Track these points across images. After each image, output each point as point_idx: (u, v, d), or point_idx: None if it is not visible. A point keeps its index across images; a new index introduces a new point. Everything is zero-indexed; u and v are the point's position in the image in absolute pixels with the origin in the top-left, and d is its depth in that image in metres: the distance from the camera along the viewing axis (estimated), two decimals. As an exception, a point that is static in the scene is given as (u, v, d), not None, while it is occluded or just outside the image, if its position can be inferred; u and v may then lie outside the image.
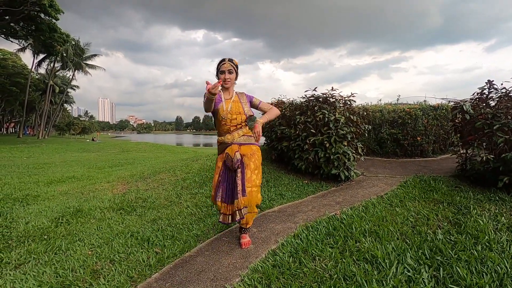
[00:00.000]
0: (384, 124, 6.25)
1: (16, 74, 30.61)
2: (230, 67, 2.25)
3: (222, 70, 2.25)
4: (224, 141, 2.34)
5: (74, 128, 45.06)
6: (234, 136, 2.31)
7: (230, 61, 2.25)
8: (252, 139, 2.35)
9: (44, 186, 4.96)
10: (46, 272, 2.10)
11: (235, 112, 2.29)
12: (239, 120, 2.31)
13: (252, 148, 2.34)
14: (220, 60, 2.28)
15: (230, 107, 2.28)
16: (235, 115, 2.29)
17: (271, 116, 2.43)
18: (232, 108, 2.28)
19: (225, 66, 2.24)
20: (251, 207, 2.25)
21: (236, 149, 2.28)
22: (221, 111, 2.28)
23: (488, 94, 3.73)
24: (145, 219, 3.17)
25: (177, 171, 5.19)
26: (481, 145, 3.46)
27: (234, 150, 2.28)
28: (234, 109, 2.29)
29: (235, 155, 2.25)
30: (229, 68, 2.25)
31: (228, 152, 2.30)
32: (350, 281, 1.73)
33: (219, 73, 2.28)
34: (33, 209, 3.54)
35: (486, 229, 2.26)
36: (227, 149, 2.31)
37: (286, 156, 4.83)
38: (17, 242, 2.65)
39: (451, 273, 1.73)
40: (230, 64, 2.25)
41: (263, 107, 2.43)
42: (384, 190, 3.59)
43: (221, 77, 2.25)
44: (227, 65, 2.24)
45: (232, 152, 2.28)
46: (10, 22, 18.89)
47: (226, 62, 2.24)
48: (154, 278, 1.97)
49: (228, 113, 2.27)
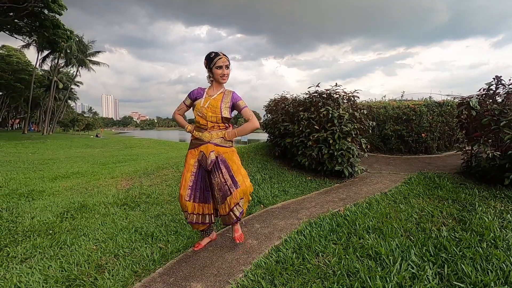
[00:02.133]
0: (388, 120, 6.20)
1: (21, 71, 30.81)
2: (227, 62, 2.12)
3: (220, 65, 2.09)
4: (201, 138, 2.17)
5: (78, 124, 45.40)
6: (212, 135, 2.16)
7: (226, 56, 2.12)
8: (229, 143, 2.22)
9: (49, 182, 5.00)
10: (51, 266, 2.13)
11: (210, 110, 2.12)
12: (215, 119, 2.14)
13: (227, 150, 2.21)
14: (214, 54, 2.11)
15: (208, 103, 2.13)
16: (210, 113, 2.12)
17: (244, 130, 2.19)
18: (209, 105, 2.13)
19: (222, 60, 2.09)
20: (246, 196, 2.17)
21: (211, 148, 2.15)
22: (197, 106, 2.15)
23: (495, 90, 3.68)
24: (148, 214, 3.18)
25: (180, 167, 5.20)
26: (487, 141, 3.43)
27: (209, 150, 2.14)
28: (211, 107, 2.12)
29: (209, 155, 2.13)
30: (227, 64, 2.12)
31: (203, 150, 2.16)
32: (353, 277, 1.73)
33: (214, 68, 2.10)
34: (38, 204, 3.58)
35: (491, 226, 2.24)
36: (201, 147, 2.17)
37: (290, 153, 4.82)
38: (23, 237, 2.68)
39: (456, 270, 1.72)
40: (227, 59, 2.12)
41: (244, 114, 2.19)
42: (388, 186, 3.58)
43: (217, 72, 2.10)
44: (224, 59, 2.10)
45: (207, 152, 2.14)
46: (14, 18, 18.95)
47: (223, 56, 2.10)
48: (158, 273, 1.98)
49: (203, 108, 2.12)
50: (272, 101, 5.94)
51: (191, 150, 2.24)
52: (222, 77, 2.12)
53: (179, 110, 2.30)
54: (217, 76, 2.12)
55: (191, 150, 2.24)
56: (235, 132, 2.20)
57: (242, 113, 2.20)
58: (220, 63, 2.09)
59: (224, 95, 2.18)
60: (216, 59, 2.09)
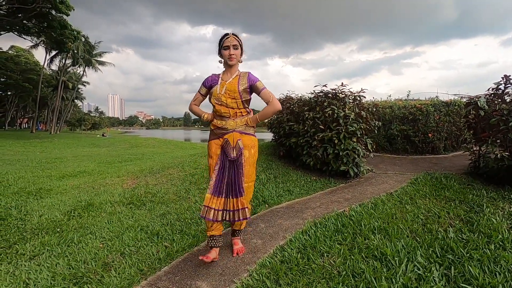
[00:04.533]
0: (394, 120, 6.15)
1: (29, 71, 31.27)
2: (235, 41, 1.99)
3: (226, 45, 1.98)
4: (225, 127, 2.05)
5: (84, 123, 45.95)
6: (237, 123, 2.05)
7: (234, 35, 1.99)
8: (252, 129, 2.14)
9: (56, 180, 5.07)
10: (59, 264, 2.16)
11: (229, 96, 2.01)
12: (235, 105, 2.03)
13: (252, 139, 2.12)
14: (223, 35, 2.01)
15: (225, 89, 2.01)
16: (230, 99, 2.01)
17: (266, 114, 2.09)
18: (226, 90, 2.00)
19: (229, 40, 1.98)
20: (248, 204, 2.08)
21: (238, 137, 2.04)
22: (214, 93, 2.04)
23: (504, 90, 3.62)
24: (154, 213, 3.21)
25: (186, 167, 5.23)
26: (496, 142, 3.37)
27: (236, 138, 2.03)
28: (228, 93, 2.01)
29: (237, 144, 2.02)
30: (234, 43, 1.98)
31: (229, 139, 2.03)
32: (359, 278, 1.72)
33: (222, 49, 2.02)
34: (46, 203, 3.63)
35: (499, 228, 2.20)
36: (227, 135, 2.05)
37: (294, 152, 4.81)
38: (31, 234, 2.73)
39: (463, 272, 1.70)
40: (234, 38, 1.99)
41: (264, 96, 2.06)
42: (394, 187, 3.55)
43: (225, 54, 2.00)
44: (231, 38, 1.98)
45: (234, 141, 2.03)
46: (22, 19, 19.24)
47: (230, 35, 1.98)
48: (164, 271, 1.99)
49: (221, 96, 2.01)
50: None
51: (215, 140, 2.10)
52: (229, 58, 2.00)
53: (194, 101, 2.19)
54: (225, 57, 2.02)
55: (215, 140, 2.10)
56: (256, 117, 2.09)
57: (261, 95, 2.07)
58: (226, 43, 1.99)
59: (240, 78, 2.05)
60: (223, 39, 2.01)
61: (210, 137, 2.15)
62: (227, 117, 2.06)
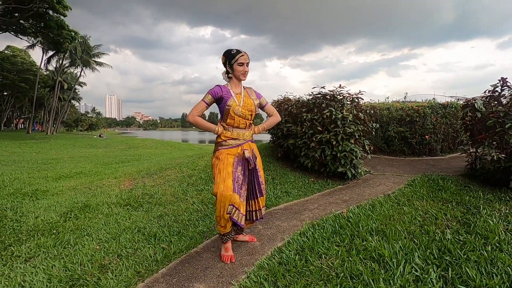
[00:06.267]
0: (391, 122, 6.17)
1: (25, 71, 31.11)
2: (248, 60, 2.14)
3: (241, 62, 2.10)
4: (242, 138, 2.17)
5: (81, 124, 45.70)
6: (250, 133, 2.23)
7: (246, 54, 2.14)
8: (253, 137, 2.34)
9: (52, 181, 5.04)
10: (55, 266, 2.14)
11: (247, 109, 2.15)
12: (250, 117, 2.20)
13: (255, 145, 2.32)
14: (236, 51, 2.11)
15: (242, 102, 2.14)
16: (247, 111, 2.15)
17: (271, 124, 2.40)
18: (244, 103, 2.15)
19: (244, 58, 2.11)
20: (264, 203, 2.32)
21: (252, 146, 2.24)
22: (234, 106, 2.10)
23: (500, 92, 3.65)
24: (151, 215, 3.19)
25: (183, 168, 5.22)
26: (492, 144, 3.39)
27: (251, 147, 2.22)
28: (246, 106, 2.15)
29: (253, 152, 2.20)
30: (248, 61, 2.14)
31: (248, 149, 2.18)
32: (356, 279, 1.72)
33: (236, 64, 2.10)
34: (42, 204, 3.60)
35: (496, 229, 2.22)
36: (245, 145, 2.18)
37: (292, 154, 4.81)
38: (27, 236, 2.70)
39: (460, 274, 1.71)
40: (248, 57, 2.14)
41: (269, 110, 2.34)
42: (392, 188, 3.56)
43: (239, 69, 2.11)
44: (246, 57, 2.12)
45: (251, 150, 2.19)
46: (19, 19, 19.13)
47: (245, 54, 2.12)
48: (161, 273, 1.98)
49: (241, 108, 2.12)
50: (275, 102, 5.94)
51: (230, 149, 2.13)
52: (243, 74, 2.14)
53: (198, 111, 2.10)
54: (237, 73, 2.12)
55: (230, 149, 2.14)
56: (264, 126, 2.37)
57: (265, 109, 2.34)
58: (242, 60, 2.10)
59: (248, 92, 2.24)
60: (238, 55, 2.10)
61: (219, 147, 2.16)
62: (243, 128, 2.19)
